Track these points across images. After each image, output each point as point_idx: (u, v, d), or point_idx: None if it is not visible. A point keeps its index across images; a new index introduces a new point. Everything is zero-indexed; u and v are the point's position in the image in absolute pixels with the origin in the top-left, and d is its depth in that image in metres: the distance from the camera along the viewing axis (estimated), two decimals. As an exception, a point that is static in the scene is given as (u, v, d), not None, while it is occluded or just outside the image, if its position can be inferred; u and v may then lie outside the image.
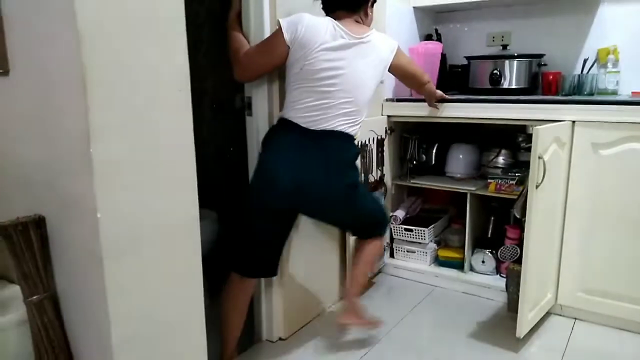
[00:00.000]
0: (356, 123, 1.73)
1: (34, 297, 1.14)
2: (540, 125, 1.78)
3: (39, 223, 1.15)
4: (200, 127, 1.17)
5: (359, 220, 1.88)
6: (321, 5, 1.75)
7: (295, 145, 1.65)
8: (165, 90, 1.11)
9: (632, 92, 2.17)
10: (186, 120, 1.15)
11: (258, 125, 1.84)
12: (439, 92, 2.17)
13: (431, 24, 2.77)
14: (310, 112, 1.64)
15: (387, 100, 2.42)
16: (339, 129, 1.68)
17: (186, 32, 1.15)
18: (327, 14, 1.71)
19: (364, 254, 1.92)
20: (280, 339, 1.99)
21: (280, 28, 1.60)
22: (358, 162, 1.97)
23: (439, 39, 2.66)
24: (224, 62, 2.98)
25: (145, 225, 1.09)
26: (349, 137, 1.72)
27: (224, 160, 3.05)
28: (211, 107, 2.97)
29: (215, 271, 1.70)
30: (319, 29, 1.60)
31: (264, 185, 1.66)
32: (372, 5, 1.76)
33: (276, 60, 1.66)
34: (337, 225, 2.05)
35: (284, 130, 1.68)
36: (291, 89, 1.67)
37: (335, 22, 1.64)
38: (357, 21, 1.71)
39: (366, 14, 1.74)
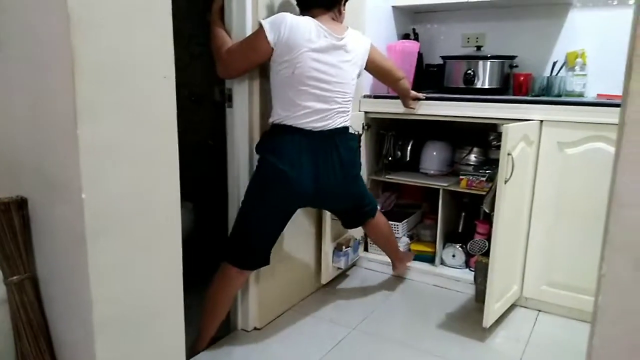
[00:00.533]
0: (348, 116, 1.86)
1: (14, 277, 1.14)
2: (510, 124, 1.86)
3: (21, 204, 1.15)
4: (178, 119, 1.19)
5: (357, 203, 2.04)
6: (295, 2, 1.80)
7: (307, 149, 1.71)
8: (151, 76, 1.13)
9: (598, 95, 2.28)
10: (170, 106, 1.18)
11: (238, 117, 1.86)
12: (413, 92, 2.24)
13: (409, 23, 2.84)
14: (312, 115, 1.71)
15: (364, 96, 2.47)
16: (340, 125, 1.79)
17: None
18: (302, 12, 1.76)
19: (377, 237, 2.22)
20: (255, 328, 2.02)
21: (262, 29, 1.62)
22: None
23: (416, 38, 2.73)
24: (203, 55, 3.00)
25: (129, 207, 1.11)
26: (348, 130, 1.85)
27: (202, 152, 3.06)
28: (190, 99, 2.97)
29: (190, 260, 1.72)
30: (302, 29, 1.63)
31: (282, 190, 1.71)
32: (344, 4, 1.81)
33: (259, 59, 1.69)
34: (337, 212, 2.14)
35: (290, 135, 1.70)
36: (284, 91, 1.69)
37: (316, 21, 1.68)
38: (332, 19, 1.76)
39: (340, 12, 1.79)
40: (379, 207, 2.21)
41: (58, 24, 0.97)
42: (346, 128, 1.84)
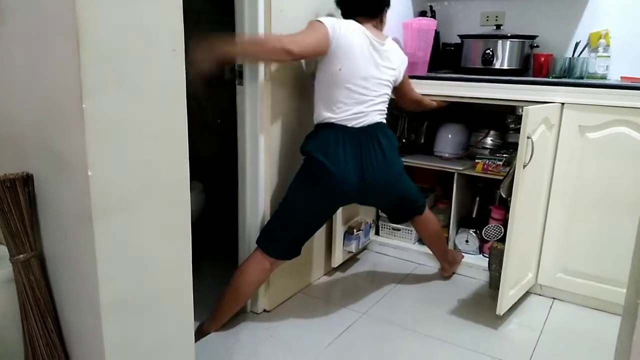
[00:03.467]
0: (385, 115, 1.90)
1: (21, 255, 1.12)
2: (530, 106, 1.79)
3: (27, 180, 1.12)
4: (188, 99, 1.15)
5: (404, 200, 2.04)
6: (340, 9, 1.89)
7: (350, 145, 1.75)
8: (159, 49, 1.08)
9: (621, 77, 2.20)
10: (179, 80, 1.13)
11: (248, 95, 1.82)
12: (435, 101, 2.23)
13: (426, 0, 2.75)
14: (353, 112, 1.77)
15: (379, 76, 2.40)
16: (378, 121, 1.84)
17: None
18: (346, 18, 1.83)
19: (425, 235, 2.20)
20: (264, 310, 2.00)
21: (322, 23, 1.69)
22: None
23: (433, 16, 2.64)
24: (213, 32, 2.94)
25: (137, 185, 1.07)
26: (386, 126, 1.89)
27: (211, 131, 3.02)
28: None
29: (200, 241, 1.70)
30: (353, 33, 1.74)
31: (329, 189, 1.75)
32: (385, 14, 1.90)
33: (323, 46, 1.70)
34: (383, 208, 2.21)
35: (334, 133, 1.75)
36: (329, 90, 1.76)
37: (362, 27, 1.77)
38: (374, 26, 1.85)
39: (381, 20, 1.89)
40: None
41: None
42: (384, 124, 1.87)
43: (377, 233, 2.64)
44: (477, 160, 2.33)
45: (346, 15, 1.85)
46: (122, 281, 1.08)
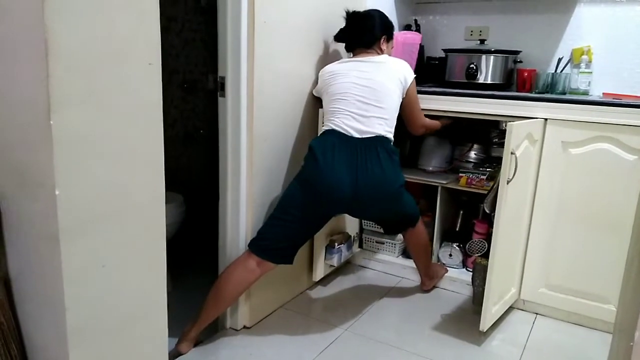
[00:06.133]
0: (387, 125, 1.87)
1: (-17, 277, 1.06)
2: (513, 121, 1.79)
3: (-9, 198, 1.07)
4: (169, 107, 1.11)
5: (400, 216, 2.05)
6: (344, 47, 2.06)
7: (347, 152, 1.77)
8: (134, 62, 1.04)
9: (603, 93, 2.21)
10: (155, 96, 1.09)
11: (231, 107, 1.78)
12: (438, 121, 2.20)
13: (411, 13, 2.76)
14: (348, 120, 1.83)
15: (363, 89, 2.39)
16: (379, 133, 1.83)
17: (160, 9, 1.09)
18: (348, 52, 2.06)
19: (412, 246, 2.20)
20: (244, 327, 1.95)
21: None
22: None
23: (417, 30, 2.64)
24: (197, 42, 2.91)
25: (107, 205, 1.03)
26: (388, 140, 1.87)
27: (194, 141, 2.97)
28: (182, 86, 2.88)
29: (180, 254, 1.65)
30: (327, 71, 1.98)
31: (318, 193, 1.76)
32: (386, 41, 2.01)
33: None
34: (377, 221, 2.20)
35: (331, 139, 1.80)
36: (329, 99, 1.91)
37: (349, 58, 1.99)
38: (369, 53, 1.97)
39: (380, 49, 1.98)
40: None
41: (31, 1, 0.88)
42: (386, 138, 1.84)
43: (360, 246, 2.61)
44: (460, 174, 2.32)
45: (347, 48, 2.05)
46: (91, 304, 1.03)
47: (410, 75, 1.94)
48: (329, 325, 1.99)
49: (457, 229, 2.51)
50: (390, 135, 1.87)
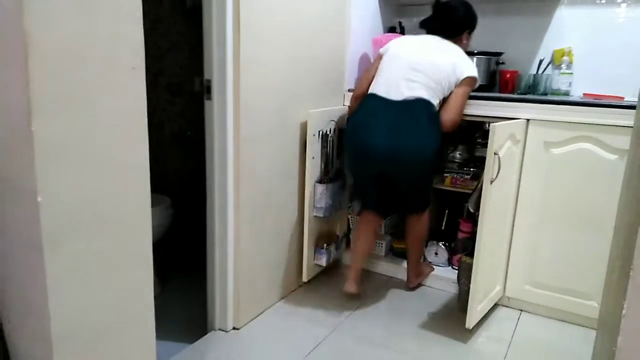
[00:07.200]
0: (432, 94, 1.98)
1: (-34, 284, 1.06)
2: (497, 122, 1.82)
3: (-27, 205, 1.07)
4: (155, 109, 1.11)
5: (417, 192, 2.15)
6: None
7: (381, 112, 1.97)
8: (117, 67, 1.04)
9: (584, 94, 2.25)
10: (139, 100, 1.09)
11: (217, 110, 1.79)
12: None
13: (395, 16, 2.77)
14: (386, 84, 2.02)
15: (349, 90, 2.41)
16: (419, 96, 1.96)
17: (144, 10, 1.09)
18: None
19: (411, 235, 2.24)
20: (234, 328, 1.96)
21: None
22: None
23: (402, 32, 2.66)
24: (183, 43, 2.90)
25: (91, 212, 1.03)
26: (429, 102, 1.97)
27: (181, 143, 2.97)
28: (168, 88, 2.87)
29: (167, 257, 1.65)
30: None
31: (355, 148, 2.04)
32: (468, 34, 2.12)
33: None
34: (399, 190, 2.18)
35: (366, 100, 2.05)
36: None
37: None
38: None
39: (461, 41, 2.09)
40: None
41: (10, 3, 0.87)
42: (426, 101, 1.94)
43: (348, 246, 2.63)
44: (445, 174, 2.35)
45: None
46: (76, 311, 1.03)
47: (467, 72, 1.98)
48: (318, 325, 2.00)
49: (443, 228, 2.54)
50: (433, 100, 1.95)
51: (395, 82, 1.97)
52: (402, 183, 2.10)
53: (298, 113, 2.11)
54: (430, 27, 2.10)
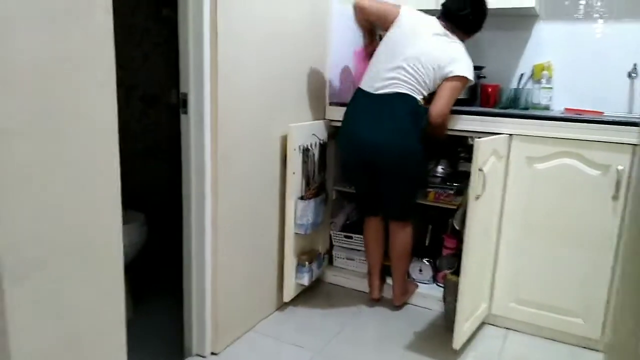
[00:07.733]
0: (413, 88, 2.01)
1: None
2: (480, 136, 1.79)
3: None
4: (129, 123, 1.04)
5: (402, 192, 2.14)
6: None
7: (366, 105, 2.05)
8: (86, 83, 0.97)
9: (565, 109, 2.26)
10: (109, 117, 1.02)
11: (193, 124, 1.71)
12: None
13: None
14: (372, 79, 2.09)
15: (330, 104, 2.37)
16: (398, 90, 1.99)
17: (117, 18, 1.02)
18: (441, 20, 2.06)
19: (396, 249, 2.22)
20: (212, 353, 1.87)
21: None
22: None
23: (383, 45, 2.63)
24: (158, 54, 2.81)
25: (56, 240, 0.94)
26: (410, 97, 2.00)
27: (155, 157, 2.87)
28: (142, 101, 2.77)
29: (141, 277, 1.56)
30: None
31: (345, 143, 2.13)
32: (471, 36, 2.11)
33: None
34: (388, 187, 2.14)
35: (354, 96, 2.13)
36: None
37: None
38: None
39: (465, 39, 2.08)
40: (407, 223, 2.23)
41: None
42: (407, 95, 1.97)
43: (330, 263, 2.57)
44: (428, 189, 2.31)
45: (441, 17, 2.07)
46: (41, 349, 0.94)
47: (457, 71, 1.96)
48: (301, 349, 1.93)
49: (427, 244, 2.50)
50: (415, 94, 1.97)
51: (380, 76, 2.01)
52: (389, 173, 2.07)
53: (278, 127, 2.05)
54: (448, 14, 2.03)
